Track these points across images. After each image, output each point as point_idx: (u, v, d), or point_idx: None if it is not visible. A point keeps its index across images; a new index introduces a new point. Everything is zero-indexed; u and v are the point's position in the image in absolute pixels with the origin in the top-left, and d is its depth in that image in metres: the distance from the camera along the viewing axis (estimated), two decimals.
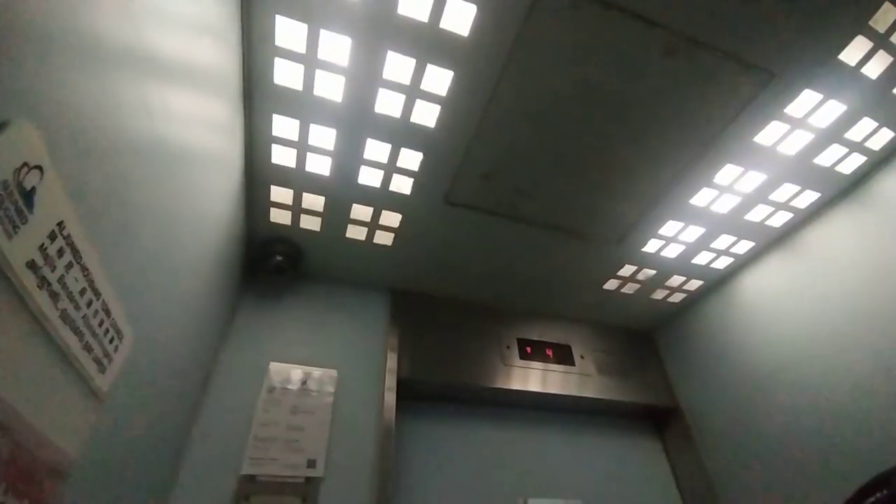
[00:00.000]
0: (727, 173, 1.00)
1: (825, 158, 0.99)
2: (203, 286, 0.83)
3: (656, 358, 1.55)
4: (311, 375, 1.11)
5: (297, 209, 1.05)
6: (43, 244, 0.36)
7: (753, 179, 1.02)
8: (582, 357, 1.43)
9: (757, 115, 0.88)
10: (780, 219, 1.14)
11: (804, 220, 1.14)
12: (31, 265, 0.35)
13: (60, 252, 0.38)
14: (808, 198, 1.09)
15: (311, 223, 1.09)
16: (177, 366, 0.77)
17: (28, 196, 0.34)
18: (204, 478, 0.91)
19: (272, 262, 1.10)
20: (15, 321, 0.34)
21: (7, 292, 0.33)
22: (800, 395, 1.07)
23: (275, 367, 1.09)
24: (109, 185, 0.45)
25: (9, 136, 0.31)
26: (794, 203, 1.09)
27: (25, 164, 0.33)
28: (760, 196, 1.06)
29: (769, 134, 0.93)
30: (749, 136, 0.92)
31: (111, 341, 0.50)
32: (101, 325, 0.47)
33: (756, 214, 1.12)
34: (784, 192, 1.06)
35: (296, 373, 1.10)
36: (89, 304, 0.44)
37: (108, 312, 0.48)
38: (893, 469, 0.54)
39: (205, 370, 1.00)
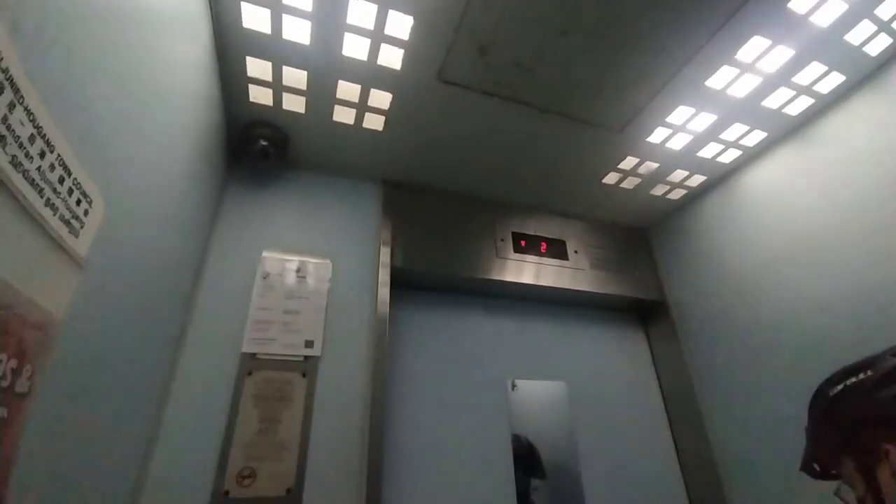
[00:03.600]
0: (753, 47, 0.90)
1: (855, 36, 0.90)
2: (183, 163, 0.79)
3: (649, 254, 1.57)
4: (306, 264, 1.11)
5: (277, 86, 0.96)
6: None
7: (780, 56, 0.92)
8: (576, 252, 1.44)
9: None
10: (800, 105, 1.06)
11: (824, 107, 1.07)
12: None
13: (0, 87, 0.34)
14: (833, 81, 1.00)
15: (294, 104, 1.01)
16: (164, 241, 0.75)
17: None
18: (207, 354, 0.95)
19: (257, 147, 1.04)
20: None
21: None
22: (789, 288, 1.09)
23: (268, 254, 1.08)
24: (48, 21, 0.39)
25: None
26: (817, 87, 1.01)
27: None
28: (783, 77, 0.97)
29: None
30: (784, 0, 0.81)
31: (78, 203, 0.47)
32: (61, 182, 0.43)
33: (775, 100, 1.04)
34: (810, 72, 0.97)
35: (289, 261, 1.10)
36: (42, 154, 0.40)
37: (66, 169, 0.44)
38: (880, 354, 0.54)
39: (198, 250, 0.99)
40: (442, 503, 1.09)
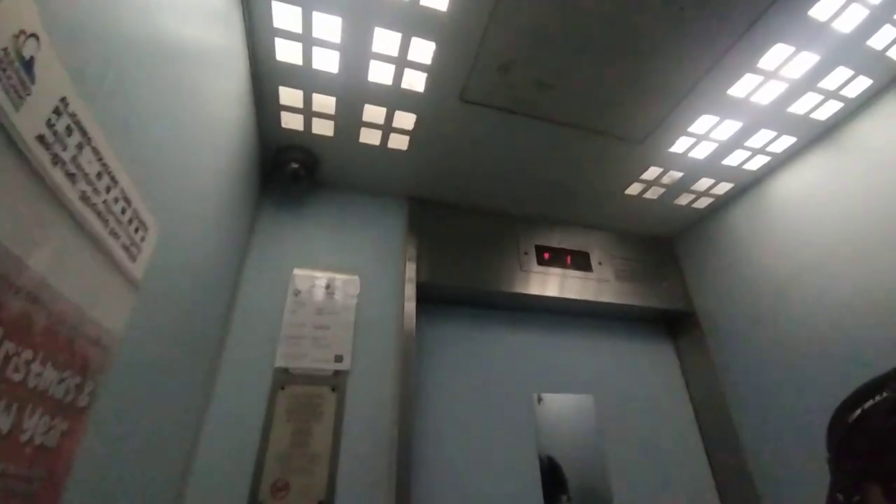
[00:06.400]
0: (775, 55, 0.89)
1: (879, 40, 0.89)
2: (222, 187, 0.84)
3: (675, 264, 1.54)
4: (334, 280, 1.15)
5: (308, 112, 1.01)
6: (49, 119, 0.35)
7: (804, 62, 0.92)
8: (600, 263, 1.43)
9: None
10: (829, 110, 1.04)
11: (854, 111, 1.05)
12: (42, 140, 0.35)
13: (69, 130, 0.38)
14: (861, 85, 0.98)
15: (323, 128, 1.06)
16: (206, 263, 0.80)
17: (28, 65, 0.33)
18: (244, 369, 0.99)
19: (288, 169, 1.09)
20: (36, 198, 0.35)
21: (23, 167, 0.33)
22: (822, 297, 1.06)
23: (299, 272, 1.13)
24: (108, 69, 0.43)
25: (5, 2, 0.30)
26: (844, 92, 0.99)
27: (22, 31, 0.32)
28: (809, 83, 0.96)
29: (824, 6, 0.81)
30: (802, 8, 0.81)
31: (136, 231, 0.51)
32: (123, 212, 0.47)
33: (802, 105, 1.02)
34: (836, 77, 0.96)
35: (319, 278, 1.14)
36: (108, 189, 0.44)
37: (128, 201, 0.48)
38: (890, 373, 0.52)
39: (233, 271, 1.04)
40: None
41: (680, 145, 1.13)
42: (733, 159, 1.19)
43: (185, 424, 0.83)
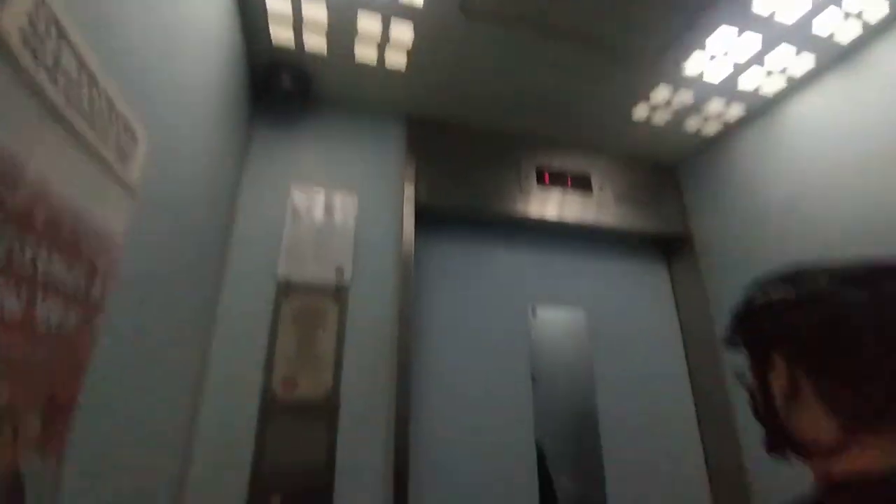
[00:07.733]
0: None
1: None
2: (212, 103, 0.83)
3: (676, 191, 1.53)
4: (333, 197, 1.16)
5: (298, 24, 0.95)
6: (30, 15, 0.35)
7: None
8: (600, 186, 1.42)
9: None
10: (850, 32, 0.97)
11: (873, 33, 0.97)
12: (23, 34, 0.35)
13: (47, 29, 0.38)
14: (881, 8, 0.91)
15: (316, 44, 1.01)
16: (202, 174, 0.82)
17: None
18: (247, 280, 1.05)
19: (280, 88, 1.06)
20: (17, 92, 0.36)
21: (7, 65, 0.34)
22: (818, 224, 1.06)
23: (297, 189, 1.14)
24: None
25: None
26: (865, 16, 0.92)
27: None
28: None
29: None
30: None
31: (125, 133, 0.52)
32: (108, 114, 0.48)
33: (825, 24, 0.95)
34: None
35: (317, 194, 1.16)
36: (89, 89, 0.45)
37: (111, 103, 0.49)
38: (809, 268, 0.51)
39: (230, 185, 1.06)
40: (465, 417, 1.19)
41: (694, 60, 1.06)
42: (748, 82, 1.13)
43: (197, 327, 0.89)
